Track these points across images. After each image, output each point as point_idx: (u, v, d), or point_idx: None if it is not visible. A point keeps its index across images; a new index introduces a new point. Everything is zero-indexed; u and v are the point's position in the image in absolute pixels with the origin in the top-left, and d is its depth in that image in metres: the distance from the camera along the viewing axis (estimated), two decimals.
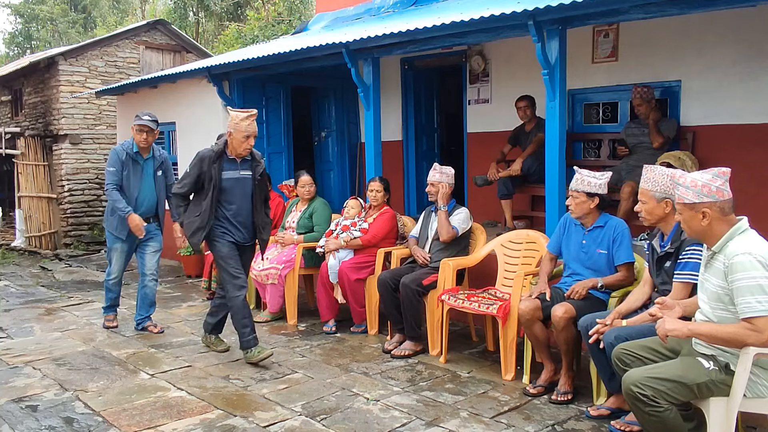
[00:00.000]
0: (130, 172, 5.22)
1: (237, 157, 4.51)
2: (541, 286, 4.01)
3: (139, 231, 5.18)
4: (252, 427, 3.49)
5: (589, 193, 3.89)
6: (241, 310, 4.45)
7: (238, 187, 4.51)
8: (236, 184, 4.50)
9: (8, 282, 7.87)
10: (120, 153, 5.22)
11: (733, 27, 5.36)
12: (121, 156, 5.20)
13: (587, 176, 3.93)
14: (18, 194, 11.51)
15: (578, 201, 3.92)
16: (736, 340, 2.58)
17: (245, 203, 4.54)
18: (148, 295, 5.43)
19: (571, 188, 3.97)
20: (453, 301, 4.41)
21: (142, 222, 5.19)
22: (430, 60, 7.73)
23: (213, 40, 23.05)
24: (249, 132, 4.43)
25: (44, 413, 3.70)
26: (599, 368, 3.54)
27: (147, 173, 5.31)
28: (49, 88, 11.64)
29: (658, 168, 3.35)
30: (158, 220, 5.46)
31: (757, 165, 5.21)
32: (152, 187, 5.35)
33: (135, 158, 5.24)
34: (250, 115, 4.43)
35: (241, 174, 4.53)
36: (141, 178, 5.26)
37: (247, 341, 4.49)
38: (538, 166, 5.86)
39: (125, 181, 5.20)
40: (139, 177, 5.26)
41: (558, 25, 4.60)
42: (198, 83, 8.09)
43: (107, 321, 5.56)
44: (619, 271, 3.88)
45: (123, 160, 5.20)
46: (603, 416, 3.51)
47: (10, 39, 31.64)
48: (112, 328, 5.49)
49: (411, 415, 3.62)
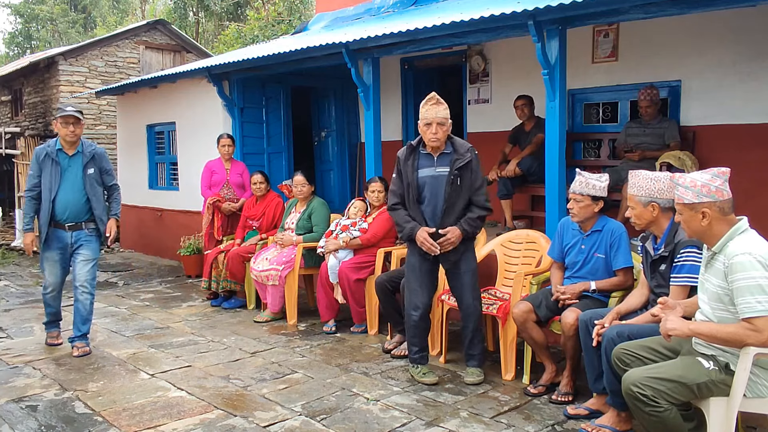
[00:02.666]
0: (49, 173, 4.62)
1: (432, 152, 4.03)
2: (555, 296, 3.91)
3: (28, 251, 4.84)
4: (252, 427, 3.49)
5: (594, 196, 3.84)
6: (410, 328, 4.23)
7: (433, 185, 3.99)
8: (432, 182, 3.99)
9: (8, 282, 7.86)
10: (39, 153, 4.65)
11: (733, 27, 5.36)
12: (39, 156, 4.63)
13: (591, 179, 3.84)
14: (18, 194, 11.52)
15: (582, 205, 3.85)
16: (736, 339, 2.58)
17: (438, 202, 3.99)
18: (80, 310, 4.78)
19: (574, 191, 3.86)
20: (453, 301, 4.41)
21: (33, 245, 4.79)
22: (430, 60, 7.73)
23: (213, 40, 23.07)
24: (428, 118, 3.93)
25: (44, 413, 3.69)
26: (588, 366, 3.51)
27: (71, 173, 4.69)
28: (49, 88, 11.65)
29: (642, 172, 3.37)
30: (95, 224, 4.79)
31: (757, 165, 5.21)
32: (79, 187, 4.69)
33: (55, 157, 4.64)
34: (428, 99, 3.96)
35: (437, 171, 3.99)
36: (61, 179, 4.65)
37: (411, 358, 4.26)
38: (538, 166, 5.86)
39: (43, 185, 4.64)
40: (58, 178, 4.63)
41: (558, 25, 4.60)
42: (198, 83, 8.10)
43: (50, 338, 4.99)
44: (617, 275, 3.86)
45: (41, 161, 4.63)
46: (580, 416, 3.51)
47: (10, 39, 31.67)
48: (56, 345, 4.94)
49: (411, 415, 3.62)
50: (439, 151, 4.01)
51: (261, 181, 6.32)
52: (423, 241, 3.96)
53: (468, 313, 4.15)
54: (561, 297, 3.83)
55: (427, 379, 4.10)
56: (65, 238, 4.73)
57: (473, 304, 4.13)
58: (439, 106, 3.96)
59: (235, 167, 6.87)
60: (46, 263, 4.79)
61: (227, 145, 6.77)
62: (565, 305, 3.80)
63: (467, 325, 4.17)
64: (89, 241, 4.80)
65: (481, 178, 4.04)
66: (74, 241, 4.74)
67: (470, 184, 3.99)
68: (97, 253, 4.88)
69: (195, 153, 8.16)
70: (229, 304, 6.25)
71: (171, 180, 9.26)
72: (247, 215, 6.45)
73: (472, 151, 4.02)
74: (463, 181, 3.97)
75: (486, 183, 4.13)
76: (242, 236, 6.40)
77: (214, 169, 6.79)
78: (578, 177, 3.89)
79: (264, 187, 6.34)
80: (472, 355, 4.19)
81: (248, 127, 7.92)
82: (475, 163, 4.00)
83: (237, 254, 6.12)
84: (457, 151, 3.98)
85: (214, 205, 6.62)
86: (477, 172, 4.01)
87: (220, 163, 6.83)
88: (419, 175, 4.01)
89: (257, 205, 6.42)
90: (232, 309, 6.18)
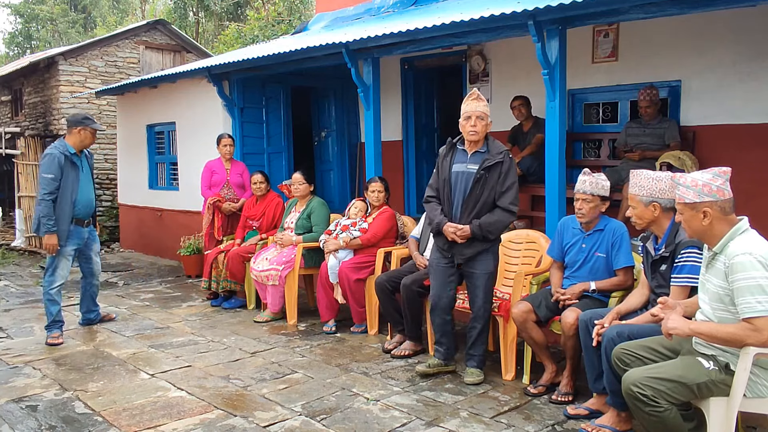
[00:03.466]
0: (69, 177, 5.01)
1: (468, 148, 4.04)
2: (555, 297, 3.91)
3: (53, 251, 5.01)
4: (252, 427, 3.49)
5: (602, 196, 3.85)
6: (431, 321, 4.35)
7: (461, 181, 4.02)
8: (461, 178, 4.01)
9: (8, 282, 7.86)
10: (59, 157, 4.98)
11: (733, 27, 5.36)
12: (60, 160, 4.97)
13: (600, 179, 3.85)
14: (18, 194, 11.51)
15: (592, 205, 3.85)
16: (736, 339, 2.58)
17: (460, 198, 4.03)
18: (95, 294, 5.57)
19: (585, 191, 3.84)
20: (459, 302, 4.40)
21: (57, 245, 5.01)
22: (430, 60, 7.73)
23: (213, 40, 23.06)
24: (468, 112, 3.93)
25: (44, 413, 3.69)
26: (588, 365, 3.51)
27: (84, 173, 5.20)
28: (49, 88, 11.65)
29: (643, 172, 3.37)
30: (94, 220, 5.46)
31: (757, 165, 5.21)
32: (91, 187, 5.29)
33: (72, 159, 5.05)
34: (469, 95, 3.97)
35: (467, 168, 4.00)
36: (79, 180, 5.10)
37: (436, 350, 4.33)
38: (537, 166, 5.87)
39: (63, 186, 4.97)
40: (77, 178, 5.08)
41: (558, 25, 4.60)
42: (198, 83, 8.09)
43: (52, 338, 5.04)
44: (617, 275, 3.86)
45: (63, 164, 4.98)
46: (580, 416, 3.51)
47: (10, 39, 31.67)
48: (57, 345, 5.00)
49: (411, 415, 3.62)
50: (475, 149, 4.03)
51: (261, 181, 6.33)
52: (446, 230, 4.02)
53: (477, 315, 4.16)
54: (561, 298, 3.83)
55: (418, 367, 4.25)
56: (83, 233, 5.23)
57: (483, 306, 4.13)
58: (480, 102, 3.99)
59: (235, 167, 6.87)
60: (62, 259, 5.11)
61: (228, 146, 6.77)
62: (565, 305, 3.80)
63: (474, 326, 4.17)
64: (95, 235, 5.48)
65: (511, 182, 3.98)
66: (87, 236, 5.30)
67: (496, 186, 3.97)
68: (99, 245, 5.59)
69: (195, 153, 8.15)
70: (229, 304, 6.25)
71: (171, 180, 9.26)
72: (247, 215, 6.45)
73: (506, 154, 4.01)
74: (488, 182, 3.96)
75: (517, 188, 4.04)
76: (242, 236, 6.40)
77: (215, 169, 6.79)
78: (587, 177, 3.87)
79: (264, 187, 6.34)
80: (473, 356, 4.20)
81: (248, 127, 7.92)
82: (506, 167, 3.97)
83: (237, 254, 6.12)
84: (490, 152, 4.00)
85: (215, 205, 6.62)
86: (507, 176, 3.97)
87: (220, 163, 6.83)
88: (453, 170, 4.05)
89: (257, 205, 6.42)
90: (232, 309, 6.18)
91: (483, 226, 3.96)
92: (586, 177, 3.88)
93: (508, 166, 3.98)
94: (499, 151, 4.00)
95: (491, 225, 3.97)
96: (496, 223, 3.98)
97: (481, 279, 4.09)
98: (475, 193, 3.98)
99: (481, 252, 4.06)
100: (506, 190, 3.97)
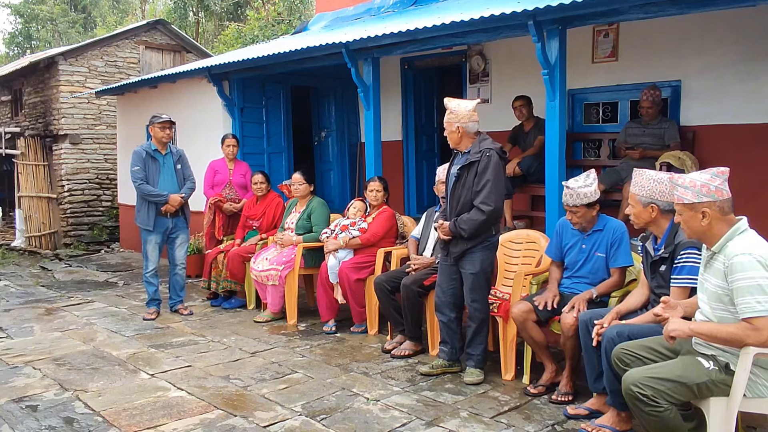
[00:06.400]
0: (150, 170, 5.68)
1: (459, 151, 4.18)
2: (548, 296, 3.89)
3: (176, 204, 5.68)
4: (252, 427, 3.49)
5: (588, 204, 3.83)
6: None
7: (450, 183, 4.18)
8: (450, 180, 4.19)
9: (8, 282, 7.87)
10: (141, 152, 5.72)
11: (733, 27, 5.36)
12: (142, 155, 5.70)
13: (580, 188, 3.80)
14: (18, 194, 11.52)
15: (579, 214, 3.85)
16: (735, 339, 2.58)
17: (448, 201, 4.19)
18: (178, 282, 6.01)
19: (567, 204, 3.85)
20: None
21: (177, 200, 5.69)
22: (430, 60, 7.74)
23: (213, 40, 23.05)
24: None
25: (44, 413, 3.70)
26: (588, 365, 3.50)
27: (167, 168, 5.79)
28: (49, 88, 11.64)
29: (646, 172, 3.35)
30: (183, 213, 5.85)
31: (757, 165, 5.21)
32: (174, 181, 5.80)
33: (154, 155, 5.72)
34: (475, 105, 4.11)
35: (453, 169, 4.16)
36: (160, 174, 5.72)
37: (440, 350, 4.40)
38: (538, 166, 5.86)
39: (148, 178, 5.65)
40: (158, 173, 5.71)
41: (558, 25, 4.60)
42: (198, 83, 8.09)
43: (147, 314, 5.85)
44: (613, 274, 3.86)
45: (144, 158, 5.69)
46: (580, 416, 3.51)
47: (10, 39, 31.67)
48: (149, 320, 5.75)
49: (411, 415, 3.62)
50: (463, 149, 4.13)
51: (262, 181, 6.32)
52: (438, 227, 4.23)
53: (469, 315, 4.20)
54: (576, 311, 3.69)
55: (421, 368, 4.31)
56: (166, 223, 5.77)
57: (471, 305, 4.16)
58: (448, 111, 4.10)
59: (238, 167, 6.86)
60: (149, 246, 5.78)
61: (232, 146, 6.77)
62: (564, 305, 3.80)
63: (469, 325, 4.22)
64: (184, 227, 5.91)
65: (486, 181, 3.95)
66: (173, 227, 5.80)
67: (471, 185, 4.01)
68: (188, 237, 6.04)
69: (195, 153, 8.12)
70: (229, 304, 6.25)
71: None
72: (248, 215, 6.45)
73: (485, 153, 3.99)
74: (466, 181, 4.04)
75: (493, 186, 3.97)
76: (242, 236, 6.40)
77: (218, 169, 6.79)
78: (566, 190, 3.85)
79: (264, 187, 6.34)
80: (472, 355, 4.20)
81: (248, 127, 7.92)
82: (482, 165, 3.96)
83: (237, 254, 6.12)
84: (471, 152, 4.04)
85: (216, 204, 6.62)
86: (483, 174, 3.96)
87: (223, 163, 6.83)
88: (449, 172, 4.23)
89: (257, 205, 6.42)
90: (232, 309, 6.18)
91: (457, 224, 4.03)
92: (568, 189, 3.84)
93: (484, 164, 3.96)
94: (478, 150, 4.00)
95: (464, 223, 4.00)
96: (468, 222, 3.99)
97: (468, 278, 4.13)
98: (456, 193, 4.10)
99: (466, 251, 4.10)
100: (480, 189, 3.98)
